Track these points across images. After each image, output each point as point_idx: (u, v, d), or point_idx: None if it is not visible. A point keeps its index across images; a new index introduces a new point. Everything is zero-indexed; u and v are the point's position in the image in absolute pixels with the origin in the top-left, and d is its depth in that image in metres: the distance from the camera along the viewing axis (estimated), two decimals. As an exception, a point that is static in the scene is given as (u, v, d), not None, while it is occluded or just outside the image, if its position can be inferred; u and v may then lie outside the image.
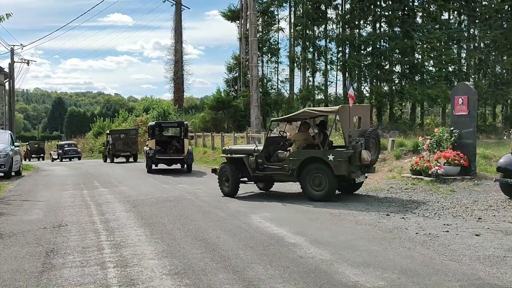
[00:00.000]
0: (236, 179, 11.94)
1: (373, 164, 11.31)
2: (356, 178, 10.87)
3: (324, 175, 10.64)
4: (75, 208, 10.45)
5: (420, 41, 34.28)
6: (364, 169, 11.01)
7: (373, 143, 11.08)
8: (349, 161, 10.40)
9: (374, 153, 11.11)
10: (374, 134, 11.22)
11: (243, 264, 5.89)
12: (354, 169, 10.61)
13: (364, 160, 10.50)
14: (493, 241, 6.79)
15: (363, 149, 10.54)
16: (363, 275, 5.42)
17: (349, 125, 10.78)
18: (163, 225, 8.33)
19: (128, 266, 5.89)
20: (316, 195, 10.75)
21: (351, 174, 10.63)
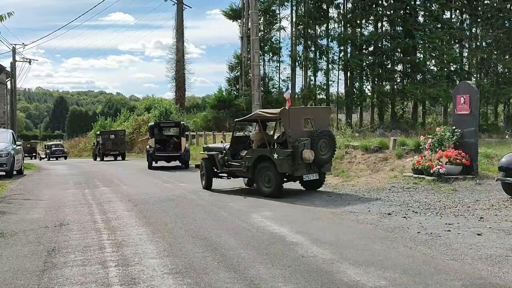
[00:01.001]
0: (210, 174, 13.04)
1: (326, 163, 11.85)
2: (304, 176, 11.49)
3: (271, 173, 11.40)
4: (76, 207, 10.46)
5: (422, 40, 34.27)
6: (316, 167, 11.60)
7: (325, 143, 11.65)
8: (292, 160, 11.06)
9: (326, 152, 11.67)
10: (324, 135, 11.65)
11: (244, 263, 5.88)
12: (298, 167, 11.20)
13: (306, 159, 11.09)
14: (495, 240, 6.77)
15: (306, 148, 11.13)
16: (364, 275, 5.41)
17: (289, 126, 11.36)
18: (164, 224, 8.33)
19: (129, 265, 5.89)
20: (265, 191, 11.48)
21: (294, 172, 11.29)
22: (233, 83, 38.78)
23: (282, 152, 11.23)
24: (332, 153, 11.99)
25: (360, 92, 36.20)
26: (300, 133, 11.45)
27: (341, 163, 15.31)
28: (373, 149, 15.17)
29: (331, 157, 12.04)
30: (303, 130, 11.64)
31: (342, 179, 13.86)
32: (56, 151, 43.60)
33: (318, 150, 11.39)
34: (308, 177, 11.57)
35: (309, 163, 11.26)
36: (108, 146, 32.57)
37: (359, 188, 12.25)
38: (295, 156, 11.12)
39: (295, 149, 11.15)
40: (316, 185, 12.24)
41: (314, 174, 11.66)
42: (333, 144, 12.02)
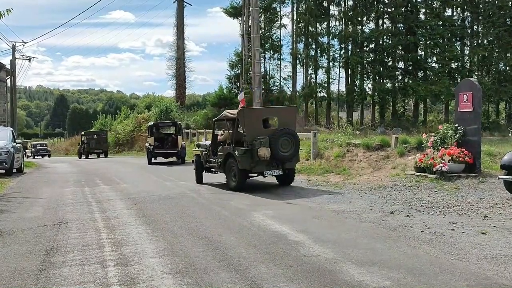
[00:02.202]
0: (199, 169, 14.37)
1: (288, 159, 12.44)
2: (265, 172, 12.31)
3: (236, 168, 12.34)
4: (76, 205, 10.36)
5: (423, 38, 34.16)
6: (279, 164, 12.32)
7: (287, 141, 12.31)
8: (250, 157, 11.99)
9: (288, 150, 12.32)
10: (284, 133, 12.31)
11: (245, 262, 5.78)
12: (256, 164, 12.08)
13: (261, 156, 11.86)
14: (500, 239, 6.67)
15: (263, 146, 11.89)
16: (368, 274, 5.31)
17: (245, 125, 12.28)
18: (164, 222, 8.23)
19: (128, 265, 5.79)
20: (232, 185, 12.54)
21: (253, 168, 12.23)
22: (234, 81, 38.68)
23: (240, 150, 12.17)
24: (295, 151, 12.49)
25: (361, 90, 36.06)
26: (260, 132, 12.26)
27: (342, 161, 15.22)
28: (375, 147, 15.08)
29: (294, 154, 12.54)
30: (263, 129, 12.50)
31: (344, 177, 13.76)
32: (40, 150, 48.16)
33: (278, 147, 12.09)
34: (270, 172, 12.37)
35: (269, 159, 12.02)
36: (92, 145, 35.98)
37: (361, 186, 12.15)
38: (252, 153, 11.97)
39: (251, 147, 12.02)
40: (287, 180, 12.99)
41: (277, 170, 12.37)
42: (296, 142, 12.55)
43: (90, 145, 36.01)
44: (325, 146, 16.71)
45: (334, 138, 17.07)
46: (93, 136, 37.28)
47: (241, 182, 12.34)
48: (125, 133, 44.10)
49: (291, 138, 12.40)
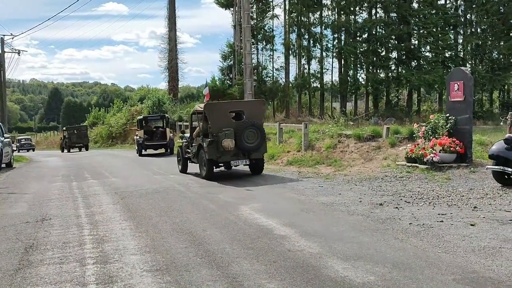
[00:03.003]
0: (183, 159, 15.20)
1: (254, 150, 13.13)
2: (232, 162, 13.11)
3: (205, 158, 13.13)
4: (61, 201, 10.20)
5: (417, 27, 33.92)
6: (246, 154, 13.08)
7: (253, 133, 13.02)
8: (216, 148, 12.71)
9: (254, 141, 13.01)
10: (250, 125, 13.03)
11: (228, 259, 5.65)
12: (222, 154, 12.80)
13: (225, 147, 12.61)
14: (489, 231, 6.55)
15: (227, 138, 12.61)
16: (352, 269, 5.18)
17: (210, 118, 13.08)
18: (149, 218, 8.09)
19: (108, 263, 5.65)
20: (202, 174, 13.42)
21: (219, 158, 12.94)
22: (227, 72, 38.40)
23: (206, 141, 12.98)
24: (260, 142, 13.17)
25: (354, 80, 35.84)
26: (226, 125, 12.98)
27: (333, 152, 15.09)
28: (366, 138, 14.95)
29: (260, 145, 13.21)
30: (230, 121, 13.24)
31: (335, 169, 13.63)
32: (24, 144, 49.80)
33: (243, 139, 12.85)
34: (237, 162, 13.18)
35: (236, 150, 12.85)
36: (73, 139, 38.24)
37: (351, 177, 12.02)
38: (218, 144, 12.70)
39: (216, 138, 12.77)
40: (256, 169, 13.79)
41: (244, 160, 13.14)
42: (262, 133, 13.25)
43: (71, 140, 38.18)
44: (316, 137, 16.56)
45: (325, 129, 16.92)
46: (74, 131, 39.46)
47: (210, 171, 13.21)
48: (118, 126, 43.82)
49: (256, 130, 13.09)
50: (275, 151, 17.18)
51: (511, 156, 9.41)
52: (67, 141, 38.49)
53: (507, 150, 9.52)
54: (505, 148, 9.59)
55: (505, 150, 9.57)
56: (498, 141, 10.19)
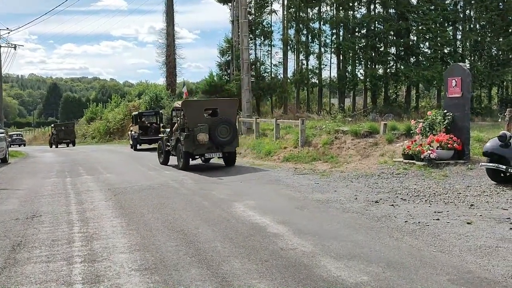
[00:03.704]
0: (164, 152, 16.37)
1: (227, 144, 14.47)
2: (206, 154, 14.51)
3: (182, 151, 14.38)
4: (53, 197, 10.06)
5: (415, 23, 33.78)
6: (219, 148, 14.39)
7: (226, 129, 14.37)
8: (192, 141, 13.96)
9: (226, 136, 14.35)
10: (223, 122, 14.41)
11: (219, 258, 5.52)
12: (197, 147, 14.13)
13: (200, 141, 13.91)
14: (485, 229, 6.43)
15: (201, 132, 13.88)
16: (346, 269, 5.06)
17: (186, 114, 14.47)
18: (141, 215, 7.95)
19: (96, 261, 5.52)
20: (179, 165, 14.71)
21: (194, 151, 14.29)
22: (224, 68, 38.23)
23: (183, 135, 14.31)
24: (232, 137, 14.51)
25: (353, 76, 35.70)
26: (201, 120, 14.30)
27: (330, 148, 14.95)
28: (363, 134, 14.81)
29: (232, 140, 14.55)
30: (205, 117, 14.61)
31: (331, 165, 13.50)
32: (16, 140, 50.80)
33: (217, 134, 14.18)
34: (210, 155, 14.63)
35: (210, 144, 14.16)
36: (61, 135, 40.33)
37: (348, 174, 11.90)
38: (193, 138, 13.96)
39: (191, 132, 14.04)
40: (229, 161, 15.10)
41: (217, 153, 14.54)
42: (234, 129, 14.69)
43: (59, 136, 40.31)
44: (313, 134, 16.42)
45: (322, 125, 16.78)
46: (61, 128, 41.81)
47: (186, 163, 14.49)
48: (115, 121, 43.66)
49: (229, 126, 14.49)
50: (272, 147, 17.05)
51: (505, 153, 9.24)
52: (55, 137, 40.50)
53: (502, 147, 9.35)
54: (499, 145, 9.41)
55: (499, 147, 9.39)
56: (493, 138, 10.04)
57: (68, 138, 40.70)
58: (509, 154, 9.23)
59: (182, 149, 14.40)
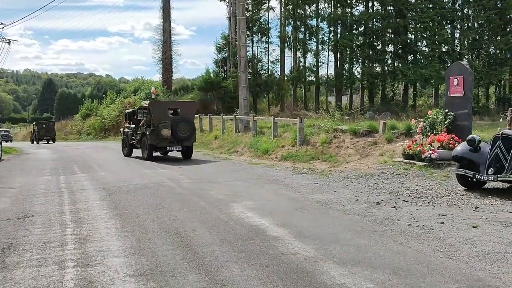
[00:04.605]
0: (128, 145, 19.04)
1: (186, 139, 17.06)
2: (168, 147, 17.15)
3: (147, 144, 17.11)
4: (46, 196, 9.79)
5: (413, 20, 33.62)
6: (179, 142, 16.94)
7: (185, 126, 16.97)
8: (156, 135, 16.59)
9: (186, 132, 16.96)
10: (183, 120, 17.14)
11: (217, 263, 5.30)
12: (160, 141, 16.75)
13: (163, 135, 16.52)
14: (492, 234, 6.24)
15: (165, 128, 16.45)
16: (350, 276, 4.85)
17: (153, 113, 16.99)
18: (136, 216, 7.71)
19: (89, 266, 5.29)
20: (144, 156, 17.36)
21: (158, 144, 16.90)
22: (221, 65, 37.97)
23: (149, 130, 16.85)
24: (190, 133, 17.13)
25: (350, 73, 35.51)
26: (165, 118, 16.96)
27: (329, 147, 14.75)
28: (362, 133, 14.61)
29: (190, 136, 17.16)
30: (169, 116, 17.37)
31: (330, 165, 13.30)
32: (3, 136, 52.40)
33: (178, 130, 16.73)
34: (171, 148, 17.19)
35: (172, 139, 16.68)
36: (42, 133, 42.70)
37: (347, 174, 11.70)
38: (158, 133, 16.54)
39: (156, 128, 16.60)
40: (187, 154, 17.56)
41: (178, 146, 17.09)
42: (192, 127, 17.40)
43: (40, 133, 42.55)
44: (311, 132, 16.21)
45: (320, 123, 16.57)
46: (42, 125, 44.16)
47: (150, 154, 17.19)
48: (111, 118, 43.30)
49: (188, 124, 17.17)
50: (270, 146, 16.84)
51: (474, 158, 8.93)
52: (36, 134, 42.74)
53: (471, 151, 9.03)
54: (468, 149, 9.10)
55: (468, 151, 9.08)
56: (464, 141, 9.72)
57: (49, 136, 42.86)
58: (478, 159, 8.88)
59: (148, 142, 16.99)
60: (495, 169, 8.48)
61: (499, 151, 8.57)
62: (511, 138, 8.45)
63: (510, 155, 8.35)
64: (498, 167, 8.45)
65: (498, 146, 8.60)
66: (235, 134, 21.53)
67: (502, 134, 8.67)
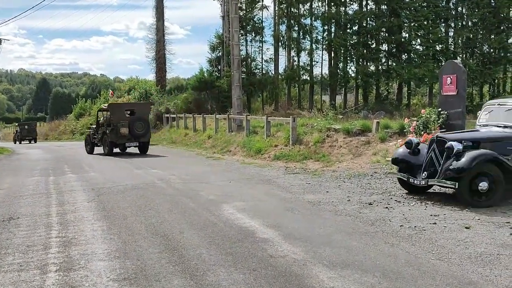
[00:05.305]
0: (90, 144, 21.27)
1: (142, 136, 19.72)
2: (126, 144, 19.64)
3: (108, 141, 19.54)
4: (34, 198, 9.63)
5: (407, 19, 33.47)
6: (136, 139, 19.57)
7: (141, 125, 19.62)
8: (115, 133, 19.15)
9: (142, 130, 19.59)
10: (138, 119, 19.78)
11: (204, 266, 5.17)
12: (119, 138, 19.33)
13: (122, 133, 19.12)
14: (485, 235, 6.13)
15: (123, 127, 19.06)
16: (339, 279, 4.74)
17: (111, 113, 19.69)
18: (124, 217, 7.57)
19: (72, 270, 5.15)
20: (105, 152, 19.73)
21: (117, 141, 19.46)
22: (215, 64, 37.74)
23: (109, 129, 19.36)
24: (146, 131, 19.83)
25: (344, 73, 35.35)
26: (123, 118, 19.56)
27: (322, 147, 14.62)
28: (355, 132, 14.49)
29: (145, 133, 19.82)
30: (125, 116, 19.84)
31: (323, 164, 13.18)
32: None
33: (134, 128, 19.36)
34: (129, 144, 19.65)
35: (129, 136, 19.25)
36: (24, 133, 44.96)
37: (340, 174, 11.59)
38: (117, 131, 19.10)
39: (115, 127, 19.14)
40: (143, 150, 20.15)
41: (134, 142, 19.67)
42: (147, 125, 20.14)
43: (22, 134, 44.72)
44: (304, 131, 16.08)
45: (314, 123, 16.44)
46: (24, 126, 46.78)
47: (111, 150, 19.62)
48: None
49: (143, 122, 19.84)
50: (262, 145, 16.70)
51: (412, 161, 8.73)
52: (19, 135, 44.84)
53: (410, 154, 8.84)
54: (407, 152, 8.91)
55: (408, 154, 8.89)
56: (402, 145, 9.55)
57: (31, 136, 44.99)
58: (416, 162, 8.66)
59: (108, 140, 19.42)
60: (428, 172, 8.25)
61: (433, 155, 8.35)
62: (445, 141, 8.15)
63: (443, 158, 8.08)
64: (432, 171, 8.22)
65: (433, 149, 8.39)
66: (228, 134, 21.39)
67: (437, 137, 8.46)
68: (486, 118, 9.10)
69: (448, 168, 7.81)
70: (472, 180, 7.65)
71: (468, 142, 8.08)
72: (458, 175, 7.67)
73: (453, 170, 7.72)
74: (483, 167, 7.72)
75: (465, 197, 7.75)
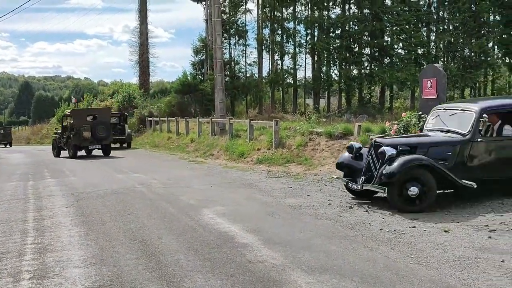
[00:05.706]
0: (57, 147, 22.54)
1: (104, 139, 21.15)
2: (89, 146, 21.16)
3: (71, 145, 20.84)
4: (11, 203, 9.48)
5: (390, 23, 33.72)
6: (98, 142, 20.96)
7: (103, 128, 21.06)
8: (78, 137, 20.53)
9: (103, 134, 20.99)
10: (100, 123, 21.28)
11: (181, 272, 5.11)
12: (82, 141, 20.68)
13: (84, 137, 20.47)
14: (463, 238, 6.15)
15: (85, 131, 20.39)
16: (317, 284, 4.71)
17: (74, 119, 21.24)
18: (102, 223, 7.47)
19: (46, 277, 5.05)
20: (70, 154, 20.93)
21: (80, 144, 20.81)
22: (198, 67, 37.64)
23: (72, 133, 20.71)
24: (107, 134, 21.25)
25: (327, 76, 35.48)
26: (85, 123, 21.03)
27: (304, 150, 14.61)
28: (338, 136, 14.49)
29: (107, 136, 21.25)
30: (88, 121, 21.40)
31: (305, 168, 13.18)
32: None
33: (96, 132, 20.74)
34: (93, 147, 21.23)
35: (92, 139, 20.58)
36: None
37: (322, 177, 11.59)
38: (80, 135, 20.46)
39: (78, 131, 20.50)
40: (106, 152, 21.45)
41: (97, 145, 21.15)
42: (108, 129, 21.48)
43: None
44: (287, 135, 16.06)
45: (296, 126, 16.43)
46: (0, 131, 47.17)
47: (75, 153, 20.86)
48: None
49: (105, 126, 21.27)
50: (245, 149, 16.65)
51: (355, 166, 8.76)
52: None
53: (352, 159, 8.88)
54: (350, 157, 8.95)
55: (350, 159, 8.93)
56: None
57: (6, 140, 45.93)
58: (358, 166, 8.69)
59: (72, 143, 20.75)
60: (366, 177, 8.25)
61: (370, 160, 8.36)
62: (381, 146, 8.12)
63: (379, 163, 8.06)
64: (370, 175, 8.23)
65: (370, 154, 8.41)
66: (211, 137, 21.30)
67: (375, 142, 8.46)
68: (432, 123, 9.19)
69: (382, 173, 7.81)
70: (403, 185, 7.63)
71: (404, 147, 8.07)
72: (389, 180, 7.65)
73: (385, 175, 7.71)
74: (414, 172, 7.69)
75: (394, 202, 7.74)
